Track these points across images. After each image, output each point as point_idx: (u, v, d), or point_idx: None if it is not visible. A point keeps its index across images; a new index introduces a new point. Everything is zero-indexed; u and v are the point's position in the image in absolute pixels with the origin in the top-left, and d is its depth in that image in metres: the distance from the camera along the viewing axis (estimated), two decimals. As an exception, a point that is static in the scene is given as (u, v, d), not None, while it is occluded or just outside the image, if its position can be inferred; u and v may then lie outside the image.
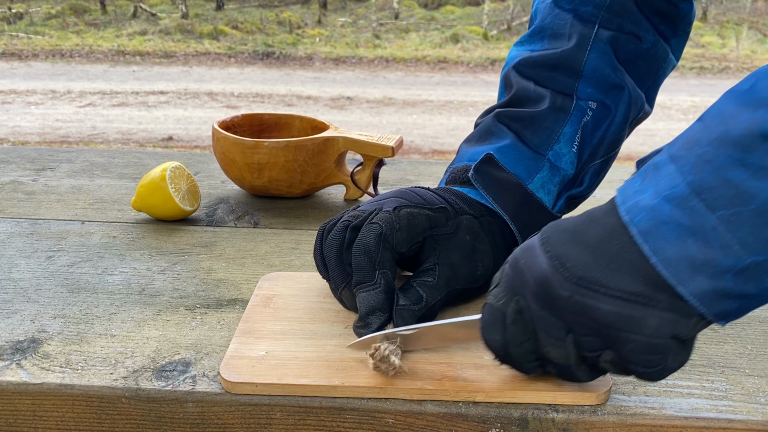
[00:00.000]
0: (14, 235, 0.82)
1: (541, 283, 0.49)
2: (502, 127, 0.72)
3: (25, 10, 10.31)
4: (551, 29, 0.73)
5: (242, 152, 0.91)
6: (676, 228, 0.44)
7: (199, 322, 0.64)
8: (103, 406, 0.55)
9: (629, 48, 0.72)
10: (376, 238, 0.59)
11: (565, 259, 0.48)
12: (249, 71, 7.52)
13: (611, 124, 0.72)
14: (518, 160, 0.70)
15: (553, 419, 0.53)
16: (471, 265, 0.63)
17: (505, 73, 0.75)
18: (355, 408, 0.53)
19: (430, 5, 11.58)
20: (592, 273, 0.47)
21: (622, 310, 0.46)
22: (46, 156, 1.11)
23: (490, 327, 0.52)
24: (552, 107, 0.71)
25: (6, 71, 7.21)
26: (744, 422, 0.53)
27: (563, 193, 0.72)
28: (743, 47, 8.99)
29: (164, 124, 5.28)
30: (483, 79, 7.33)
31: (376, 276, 0.59)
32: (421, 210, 0.62)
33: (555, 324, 0.49)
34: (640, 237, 0.45)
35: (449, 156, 4.45)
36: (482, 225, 0.65)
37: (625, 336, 0.47)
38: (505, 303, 0.51)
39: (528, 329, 0.51)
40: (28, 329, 0.62)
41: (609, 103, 0.71)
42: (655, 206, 0.45)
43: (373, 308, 0.58)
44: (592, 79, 0.71)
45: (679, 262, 0.44)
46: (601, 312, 0.47)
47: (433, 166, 1.12)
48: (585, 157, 0.72)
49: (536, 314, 0.50)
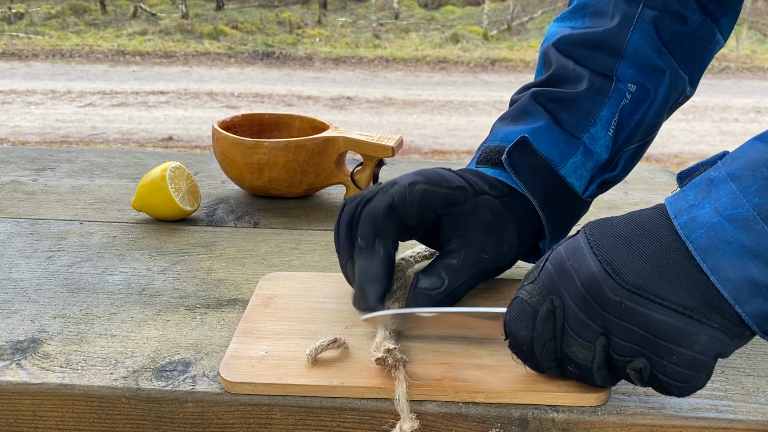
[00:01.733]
0: (14, 235, 0.82)
1: (590, 286, 0.49)
2: (538, 107, 0.71)
3: (25, 10, 10.30)
4: (594, 6, 0.71)
5: (242, 152, 0.91)
6: (739, 249, 0.44)
7: (199, 322, 0.64)
8: (103, 406, 0.55)
9: (674, 28, 0.69)
10: (384, 207, 0.60)
11: (618, 265, 0.48)
12: (249, 71, 7.51)
13: (650, 108, 0.70)
14: (552, 144, 0.69)
15: (553, 419, 0.53)
16: (496, 244, 0.63)
17: (545, 50, 0.74)
18: (355, 408, 0.53)
19: (430, 5, 11.58)
20: (648, 282, 0.47)
21: (676, 323, 0.46)
22: (46, 156, 1.11)
23: (518, 321, 0.52)
24: (591, 88, 0.69)
25: (6, 71, 7.21)
26: (744, 422, 0.53)
27: (596, 178, 0.71)
28: (743, 47, 8.99)
29: (164, 124, 5.28)
30: (483, 79, 7.33)
31: (376, 244, 0.59)
32: (437, 188, 0.62)
33: (590, 326, 0.49)
34: (697, 254, 0.46)
35: (449, 156, 4.45)
36: (504, 205, 0.65)
37: (671, 348, 0.47)
38: (539, 301, 0.51)
39: (556, 328, 0.51)
40: (28, 329, 0.62)
41: (649, 86, 0.69)
42: (716, 225, 0.45)
43: (370, 277, 0.58)
44: (633, 60, 0.69)
45: (740, 283, 0.44)
46: (652, 320, 0.47)
47: (433, 166, 1.12)
48: (621, 141, 0.70)
49: (571, 314, 0.50)
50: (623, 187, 1.05)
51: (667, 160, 4.58)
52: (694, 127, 5.56)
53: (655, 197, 1.01)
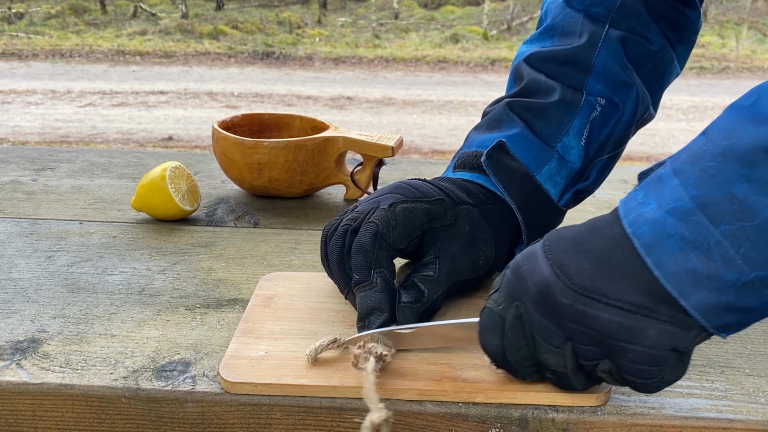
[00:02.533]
0: (14, 235, 0.82)
1: (542, 290, 0.49)
2: (513, 116, 0.72)
3: (25, 10, 10.31)
4: (562, 27, 0.74)
5: (242, 152, 0.91)
6: (680, 241, 0.44)
7: (199, 322, 0.64)
8: (103, 406, 0.55)
9: (638, 49, 0.72)
10: (371, 238, 0.60)
11: (567, 267, 0.48)
12: (249, 71, 7.52)
13: (619, 121, 0.72)
14: (528, 150, 0.70)
15: (553, 419, 0.53)
16: (472, 256, 0.63)
17: (516, 66, 0.76)
18: (355, 408, 0.53)
19: (430, 5, 11.58)
20: (594, 282, 0.47)
21: (623, 320, 0.46)
22: (46, 156, 1.11)
23: (488, 331, 0.52)
24: (562, 99, 0.71)
25: (6, 71, 7.21)
26: (744, 422, 0.53)
27: (570, 188, 0.72)
28: (743, 47, 8.99)
29: (164, 124, 5.28)
30: (483, 79, 7.33)
31: (372, 276, 0.59)
32: (417, 204, 0.62)
33: (554, 332, 0.49)
34: (643, 249, 0.46)
35: (449, 156, 4.45)
36: (482, 213, 0.65)
37: (624, 346, 0.47)
38: (505, 308, 0.51)
39: (527, 335, 0.51)
40: (28, 329, 0.62)
41: (617, 100, 0.71)
42: (659, 219, 0.45)
43: (372, 308, 0.58)
44: (601, 76, 0.71)
45: (682, 276, 0.44)
46: (602, 321, 0.47)
47: (433, 166, 1.12)
48: (592, 152, 0.72)
49: (536, 321, 0.50)
50: (623, 187, 1.05)
51: (667, 160, 4.58)
52: (694, 127, 5.56)
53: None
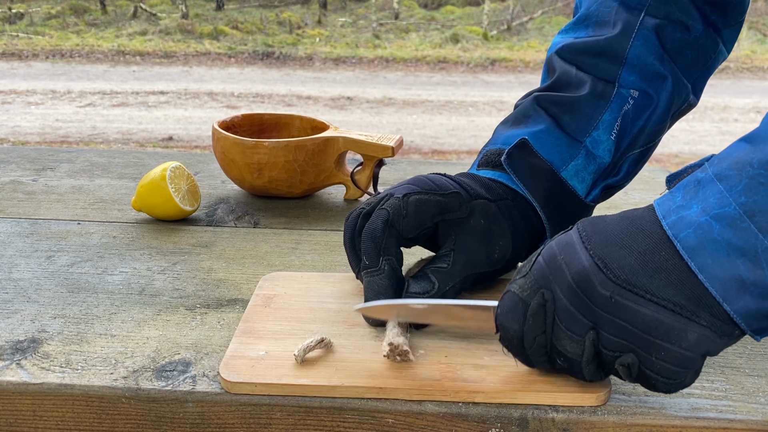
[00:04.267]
0: (14, 235, 0.82)
1: (581, 280, 0.49)
2: (540, 111, 0.72)
3: (25, 10, 10.30)
4: (596, 17, 0.73)
5: (242, 152, 0.91)
6: (726, 247, 0.45)
7: (199, 322, 0.64)
8: (103, 406, 0.55)
9: (676, 37, 0.70)
10: (382, 225, 0.61)
11: (609, 260, 0.48)
12: (249, 71, 7.51)
13: (653, 114, 0.71)
14: (553, 147, 0.69)
15: (553, 419, 0.53)
16: (488, 249, 0.64)
17: (549, 59, 0.75)
18: (355, 408, 0.53)
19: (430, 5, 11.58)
20: (638, 277, 0.47)
21: (665, 319, 0.46)
22: (46, 156, 1.11)
23: (509, 315, 0.52)
24: (592, 93, 0.70)
25: (6, 71, 7.21)
26: (744, 422, 0.53)
27: (599, 182, 0.72)
28: (743, 47, 8.99)
29: (164, 124, 5.28)
30: (483, 79, 7.33)
31: (381, 262, 0.60)
32: (431, 196, 0.63)
33: (579, 320, 0.49)
34: (686, 252, 0.46)
35: (449, 156, 4.45)
36: (499, 208, 0.66)
37: (659, 344, 0.47)
38: (530, 295, 0.52)
39: (547, 322, 0.51)
40: (28, 329, 0.62)
41: (651, 92, 0.70)
42: (703, 224, 0.46)
43: (377, 292, 0.60)
44: (635, 67, 0.70)
45: (728, 281, 0.45)
46: (642, 316, 0.47)
47: (433, 166, 1.12)
48: (624, 146, 0.71)
49: (562, 308, 0.50)
50: (623, 187, 1.05)
51: (667, 160, 4.58)
52: (694, 127, 5.56)
53: (655, 197, 1.01)
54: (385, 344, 0.56)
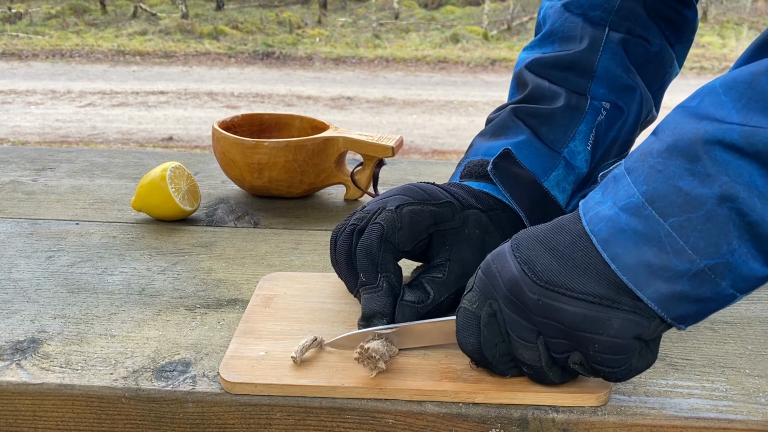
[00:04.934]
0: (14, 235, 0.82)
1: (512, 287, 0.51)
2: (518, 122, 0.72)
3: (25, 10, 10.30)
4: (562, 32, 0.74)
5: (242, 152, 0.91)
6: (633, 235, 0.46)
7: (199, 322, 0.64)
8: (103, 406, 0.55)
9: (639, 51, 0.72)
10: (377, 240, 0.60)
11: (534, 264, 0.50)
12: (249, 71, 7.52)
13: (624, 125, 0.72)
14: (534, 157, 0.70)
15: (553, 419, 0.53)
16: (482, 260, 0.63)
17: (517, 73, 0.76)
18: (355, 408, 0.53)
19: (430, 5, 11.58)
20: (559, 276, 0.49)
21: (587, 312, 0.48)
22: (46, 156, 1.11)
23: (464, 330, 0.54)
24: (567, 105, 0.71)
25: (6, 71, 7.21)
26: (744, 422, 0.53)
27: (577, 193, 0.73)
28: (743, 47, 8.98)
29: (164, 124, 5.28)
30: (483, 79, 7.33)
31: (378, 279, 0.59)
32: (424, 206, 0.62)
33: (526, 327, 0.51)
34: (600, 245, 0.48)
35: (449, 156, 4.45)
36: (491, 219, 0.66)
37: (589, 337, 0.48)
38: (479, 306, 0.53)
39: (501, 331, 0.52)
40: (28, 329, 0.62)
41: (621, 104, 0.72)
42: (613, 216, 0.47)
43: (375, 311, 0.59)
44: (604, 80, 0.71)
45: (637, 268, 0.46)
46: (567, 313, 0.48)
47: (433, 166, 1.12)
48: (598, 157, 0.72)
49: (508, 317, 0.51)
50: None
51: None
52: (694, 127, 5.55)
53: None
54: (357, 347, 0.55)
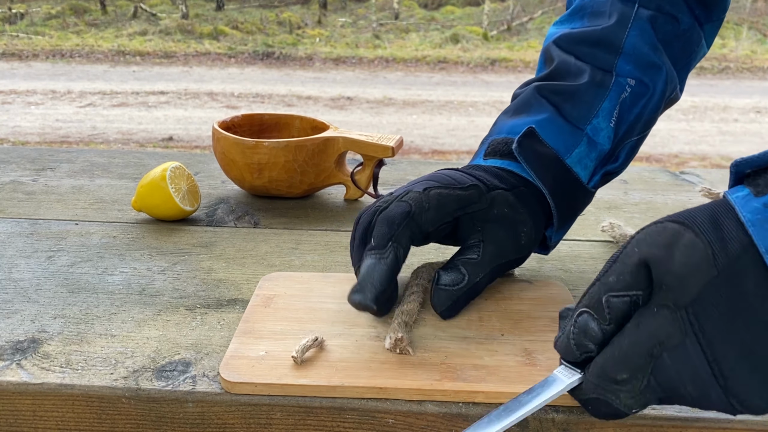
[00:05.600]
0: (14, 235, 0.82)
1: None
2: (541, 100, 0.72)
3: (25, 10, 10.31)
4: (591, 7, 0.74)
5: (242, 152, 0.91)
6: None
7: (199, 322, 0.64)
8: (103, 406, 0.55)
9: (667, 28, 0.72)
10: (401, 213, 0.60)
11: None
12: (249, 71, 7.52)
13: (648, 102, 0.72)
14: (557, 135, 0.70)
15: (553, 419, 0.53)
16: (515, 237, 0.64)
17: (546, 48, 0.76)
18: (355, 408, 0.53)
19: (430, 5, 11.58)
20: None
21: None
22: (46, 156, 1.11)
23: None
24: (592, 81, 0.71)
25: (6, 71, 7.21)
26: (744, 422, 0.52)
27: (599, 169, 0.73)
28: (743, 47, 8.99)
29: (164, 124, 5.28)
30: (483, 79, 7.33)
31: (388, 246, 0.59)
32: (451, 191, 0.63)
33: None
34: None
35: (449, 156, 4.45)
36: (516, 197, 0.66)
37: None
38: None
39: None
40: (28, 329, 0.62)
41: (647, 81, 0.71)
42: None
43: (373, 277, 0.58)
44: (631, 57, 0.71)
45: None
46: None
47: (433, 166, 1.12)
48: (621, 133, 0.72)
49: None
50: (623, 187, 1.05)
51: (667, 160, 4.58)
52: (694, 127, 5.56)
53: (655, 197, 1.01)
54: (388, 337, 0.56)
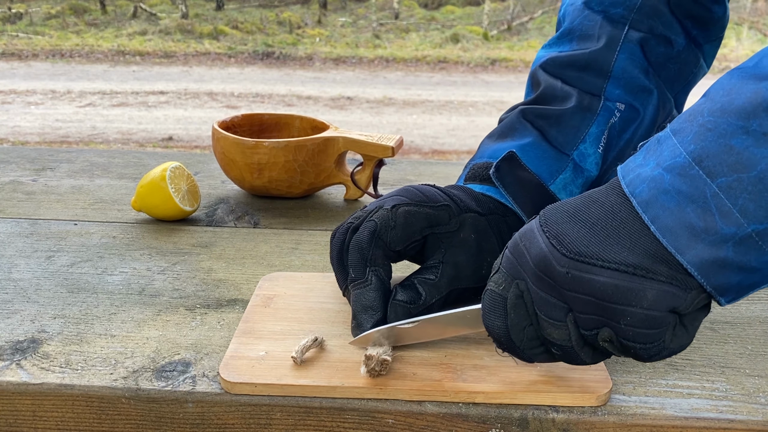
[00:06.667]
0: (14, 235, 0.82)
1: (540, 262, 0.48)
2: (526, 124, 0.71)
3: (25, 10, 10.30)
4: (580, 30, 0.73)
5: (242, 152, 0.91)
6: (676, 196, 0.44)
7: (199, 322, 0.64)
8: (103, 406, 0.55)
9: (659, 50, 0.71)
10: (368, 236, 0.60)
11: (563, 237, 0.48)
12: (249, 71, 7.51)
13: (639, 127, 0.71)
14: (541, 160, 0.69)
15: (553, 419, 0.53)
16: (476, 265, 0.63)
17: (533, 72, 0.75)
18: (355, 408, 0.53)
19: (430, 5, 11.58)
20: (590, 247, 0.47)
21: (620, 282, 0.45)
22: (46, 156, 1.11)
23: (491, 313, 0.52)
24: (579, 106, 0.70)
25: (6, 71, 7.21)
26: (744, 422, 0.53)
27: None
28: (743, 47, 8.99)
29: (164, 124, 5.28)
30: (483, 79, 7.33)
31: (367, 273, 0.59)
32: (420, 208, 0.62)
33: (555, 304, 0.48)
34: (640, 207, 0.45)
35: (449, 156, 4.45)
36: (489, 223, 0.65)
37: (621, 309, 0.46)
38: (506, 288, 0.51)
39: (529, 313, 0.50)
40: (28, 329, 0.62)
41: (637, 105, 0.70)
42: (656, 176, 0.45)
43: (365, 306, 0.58)
44: (620, 80, 0.70)
45: (678, 230, 0.44)
46: (598, 284, 0.46)
47: (433, 166, 1.12)
48: (610, 159, 0.71)
49: (536, 296, 0.49)
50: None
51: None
52: (694, 127, 5.55)
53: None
54: (363, 364, 0.55)
